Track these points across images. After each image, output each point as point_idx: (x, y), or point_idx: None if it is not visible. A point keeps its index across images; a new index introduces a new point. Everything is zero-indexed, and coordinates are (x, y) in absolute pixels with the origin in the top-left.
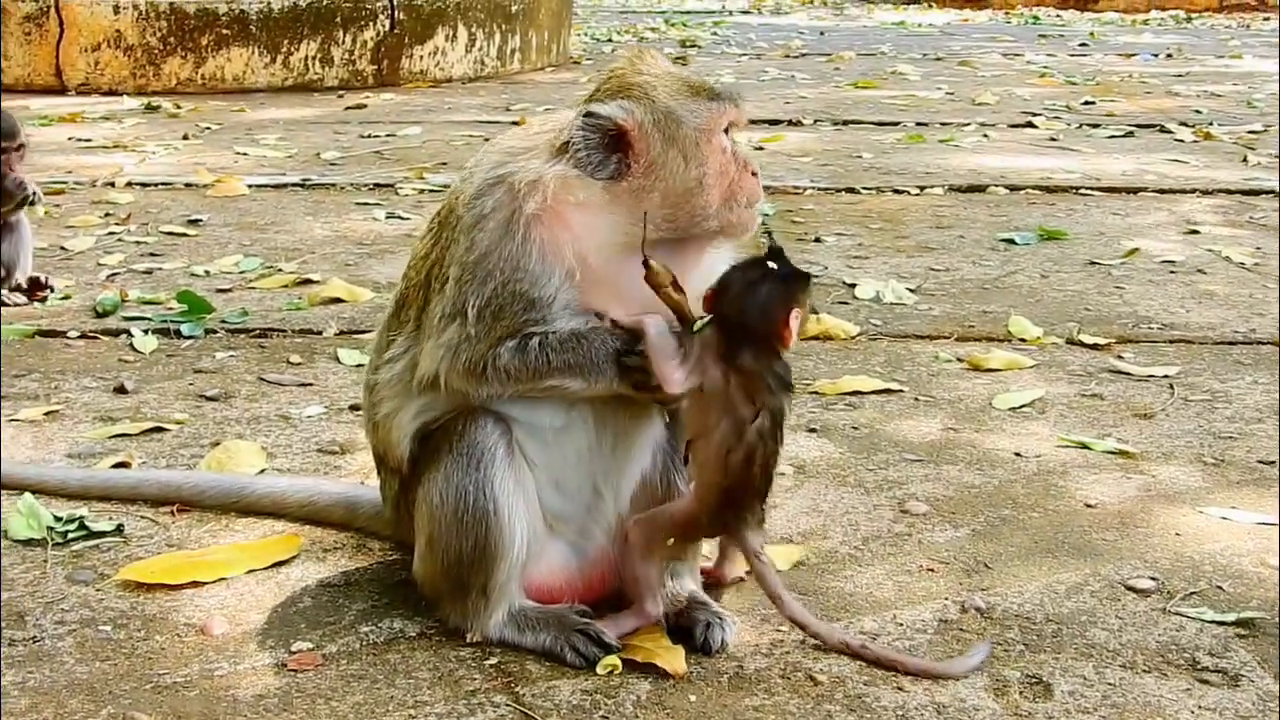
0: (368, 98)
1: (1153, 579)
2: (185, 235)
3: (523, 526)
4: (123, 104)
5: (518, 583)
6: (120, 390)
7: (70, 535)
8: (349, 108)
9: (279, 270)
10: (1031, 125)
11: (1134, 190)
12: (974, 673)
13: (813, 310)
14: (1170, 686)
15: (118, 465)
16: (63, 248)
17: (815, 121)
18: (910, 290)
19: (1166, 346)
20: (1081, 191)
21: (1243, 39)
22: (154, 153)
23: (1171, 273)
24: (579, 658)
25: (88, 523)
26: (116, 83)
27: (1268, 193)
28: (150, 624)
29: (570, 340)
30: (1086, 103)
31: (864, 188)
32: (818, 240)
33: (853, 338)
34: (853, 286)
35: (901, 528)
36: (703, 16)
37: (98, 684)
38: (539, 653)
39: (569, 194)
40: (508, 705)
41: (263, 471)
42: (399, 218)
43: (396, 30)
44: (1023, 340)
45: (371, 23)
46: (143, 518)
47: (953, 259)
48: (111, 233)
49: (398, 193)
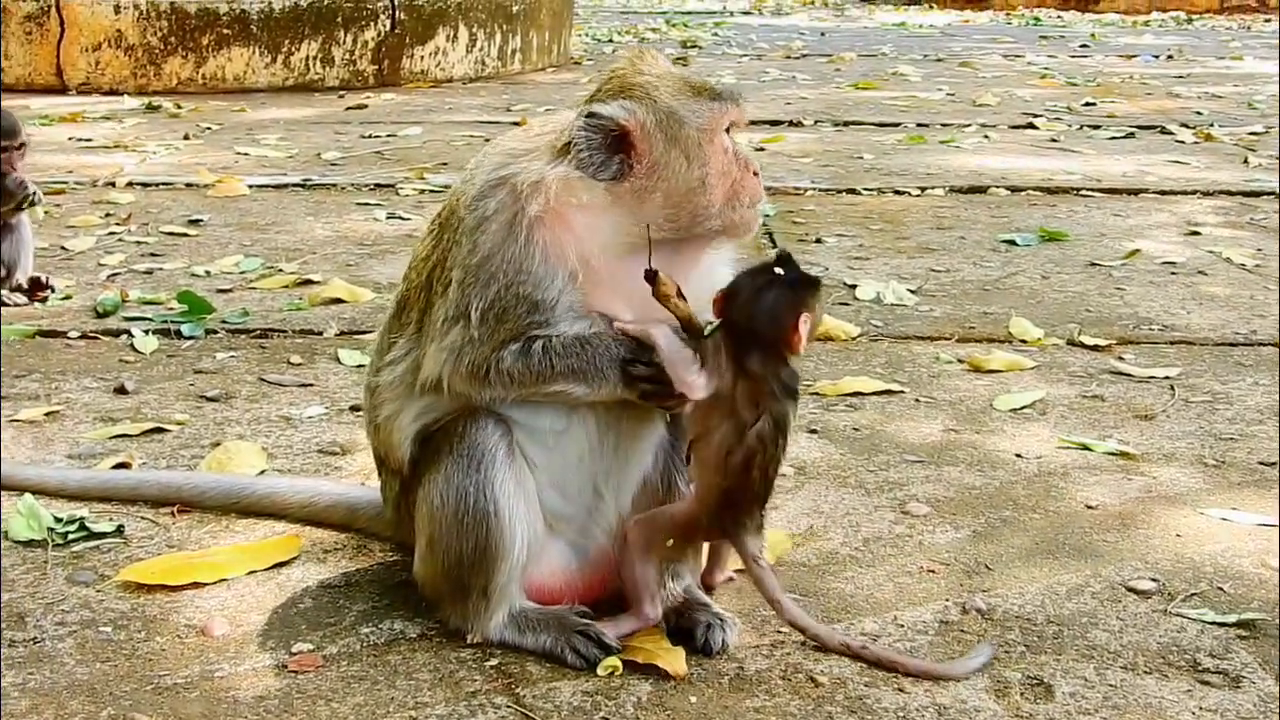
0: (368, 98)
1: (1154, 580)
2: (186, 235)
3: (523, 528)
4: (123, 104)
5: (518, 584)
6: (121, 391)
7: (71, 536)
8: (350, 108)
9: (280, 271)
10: (1032, 126)
11: (1135, 191)
12: (975, 675)
13: (821, 315)
14: (1171, 688)
15: (118, 466)
16: (63, 248)
17: (816, 122)
18: (911, 291)
19: (1167, 348)
20: (1082, 193)
21: (1244, 40)
22: (155, 153)
23: (1172, 274)
24: (579, 659)
25: (88, 524)
26: (117, 82)
27: (1268, 194)
28: (151, 625)
29: (574, 345)
30: (1087, 104)
31: (865, 189)
32: (818, 241)
33: (853, 339)
34: (853, 288)
35: (902, 529)
36: (704, 17)
37: (98, 685)
38: (539, 654)
39: (571, 195)
40: (508, 706)
41: (263, 472)
42: (400, 218)
43: (397, 30)
44: (1023, 341)
45: (372, 23)
46: (143, 519)
47: (953, 260)
48: (112, 233)
49: (398, 193)
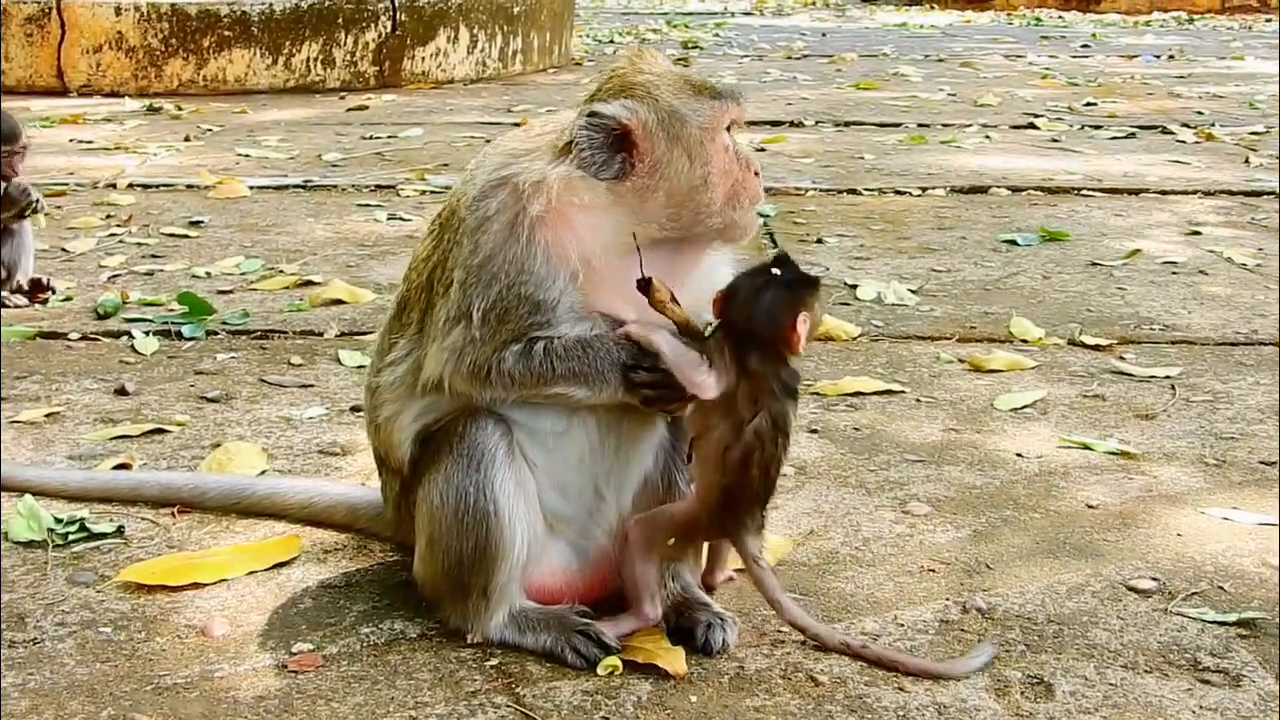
0: (369, 99)
1: (1154, 579)
2: (186, 237)
3: (523, 528)
4: (124, 105)
5: (518, 584)
6: (121, 392)
7: (71, 537)
8: (351, 109)
9: (280, 272)
10: (1033, 126)
11: (1136, 191)
12: (976, 674)
13: (822, 314)
14: (1171, 687)
15: (118, 467)
16: (64, 249)
17: (817, 123)
18: (912, 291)
19: (1168, 347)
20: (1083, 193)
21: (1245, 40)
22: (155, 154)
23: (1173, 274)
24: (580, 659)
25: (88, 524)
26: (118, 84)
27: (1269, 194)
28: (151, 625)
29: (576, 348)
30: (1089, 104)
31: (866, 189)
32: (819, 241)
33: (854, 339)
34: (854, 288)
35: (903, 528)
36: (705, 18)
37: (98, 685)
38: (540, 654)
39: (573, 195)
40: (508, 706)
41: (263, 473)
42: (400, 219)
43: (398, 32)
44: (1024, 341)
45: (373, 24)
46: (143, 519)
47: (954, 260)
48: (113, 234)
49: (399, 194)
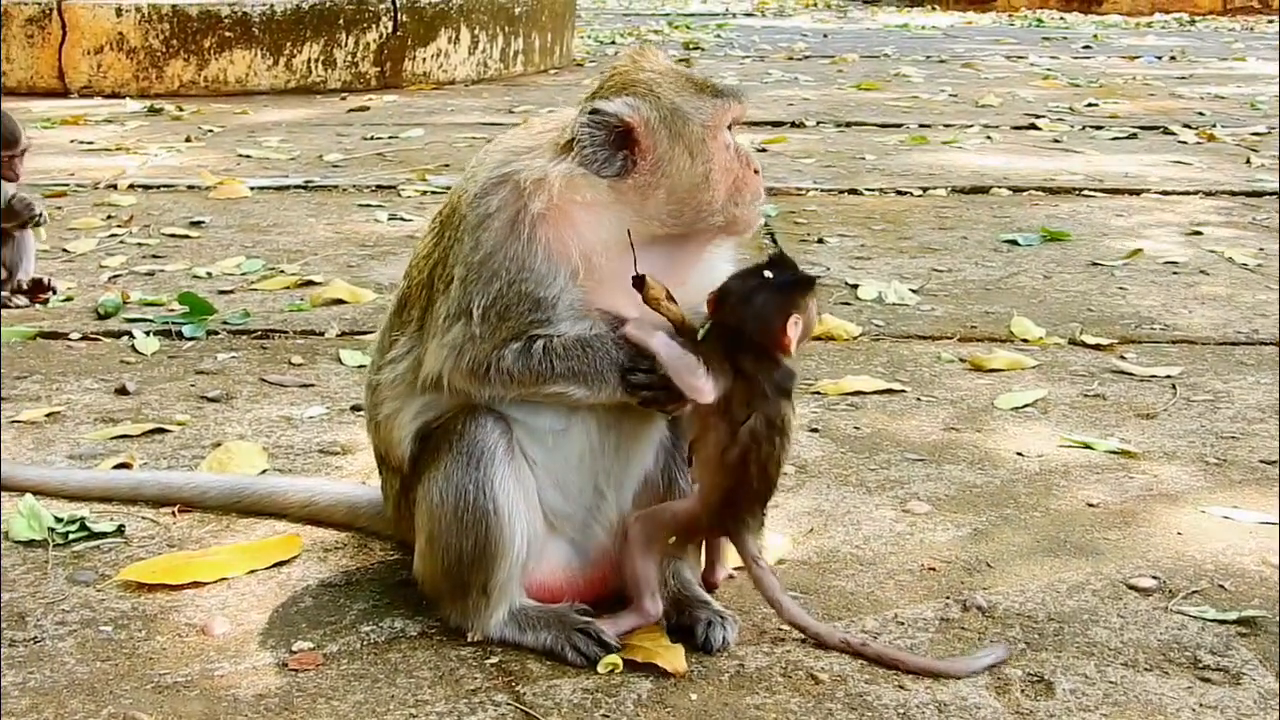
0: (370, 100)
1: (1154, 578)
2: (187, 237)
3: (523, 525)
4: (125, 106)
5: (518, 582)
6: (122, 391)
7: (71, 536)
8: (352, 110)
9: (281, 272)
10: (1035, 127)
11: (1137, 192)
12: (979, 674)
13: (817, 314)
14: (1172, 685)
15: (119, 466)
16: (65, 250)
17: (818, 123)
18: (913, 291)
19: (1169, 347)
20: (1084, 193)
21: (1246, 41)
22: (156, 155)
23: (1174, 274)
24: (580, 657)
25: (89, 523)
26: (119, 85)
27: (1270, 194)
28: (151, 624)
29: (575, 348)
30: (1090, 105)
31: (867, 189)
32: (820, 241)
33: (855, 338)
34: (855, 287)
35: (903, 527)
36: (706, 19)
37: (98, 684)
38: (540, 652)
39: (574, 192)
40: (509, 704)
41: (264, 472)
42: (401, 219)
43: (399, 32)
44: (1025, 341)
45: (374, 25)
46: (144, 518)
47: (955, 260)
48: (113, 235)
49: (400, 194)
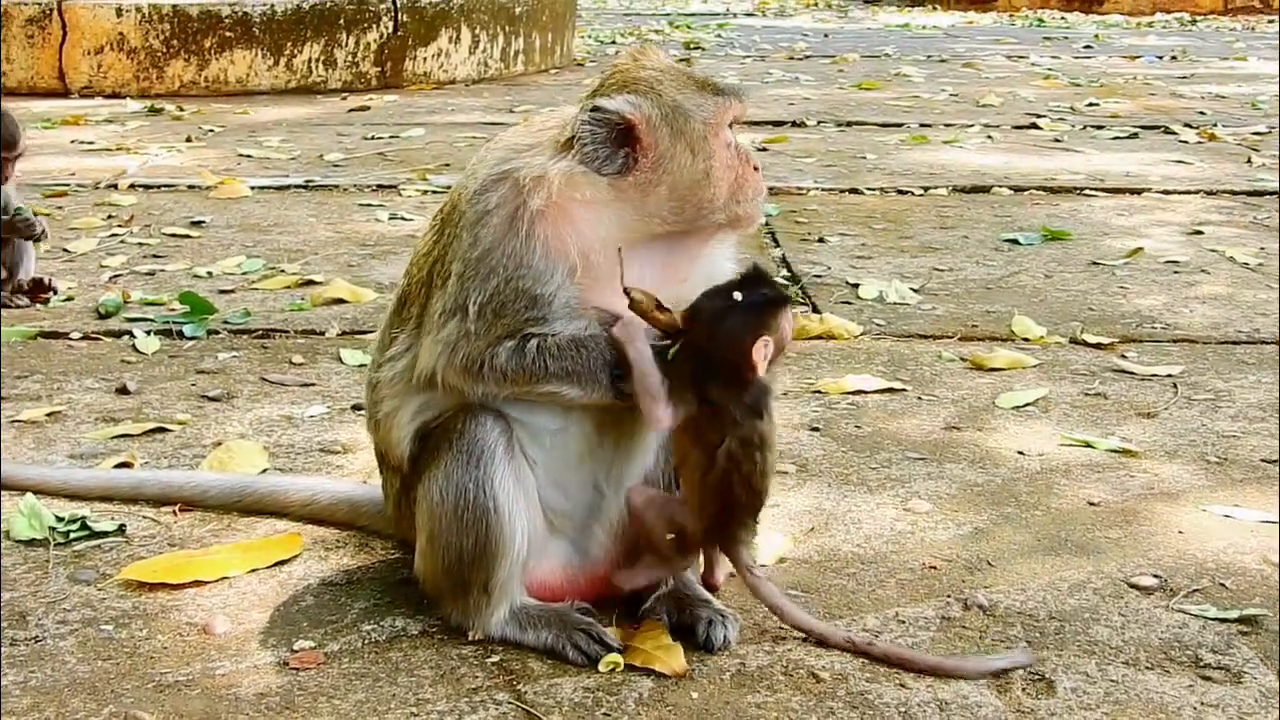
0: (371, 99)
1: (1155, 576)
2: (188, 237)
3: (523, 524)
4: (126, 107)
5: (519, 580)
6: (122, 391)
7: (72, 535)
8: (352, 110)
9: (281, 271)
10: (1036, 126)
11: (1138, 191)
12: (992, 675)
13: (791, 331)
14: (1173, 683)
15: (120, 465)
16: (65, 249)
17: (819, 123)
18: (914, 290)
19: (1170, 346)
20: (1085, 192)
21: (1247, 41)
22: (157, 155)
23: (1175, 273)
24: (581, 655)
25: (90, 523)
26: (120, 85)
27: (1271, 194)
28: (152, 623)
29: (569, 348)
30: (1091, 104)
31: (868, 188)
32: (821, 240)
33: (856, 337)
34: (856, 286)
35: (904, 526)
36: (707, 19)
37: (99, 683)
38: (541, 650)
39: (574, 190)
40: (510, 703)
41: (264, 471)
42: (402, 219)
43: (400, 32)
44: (1026, 340)
45: (375, 25)
46: (145, 518)
47: (956, 259)
48: (114, 234)
49: (401, 194)
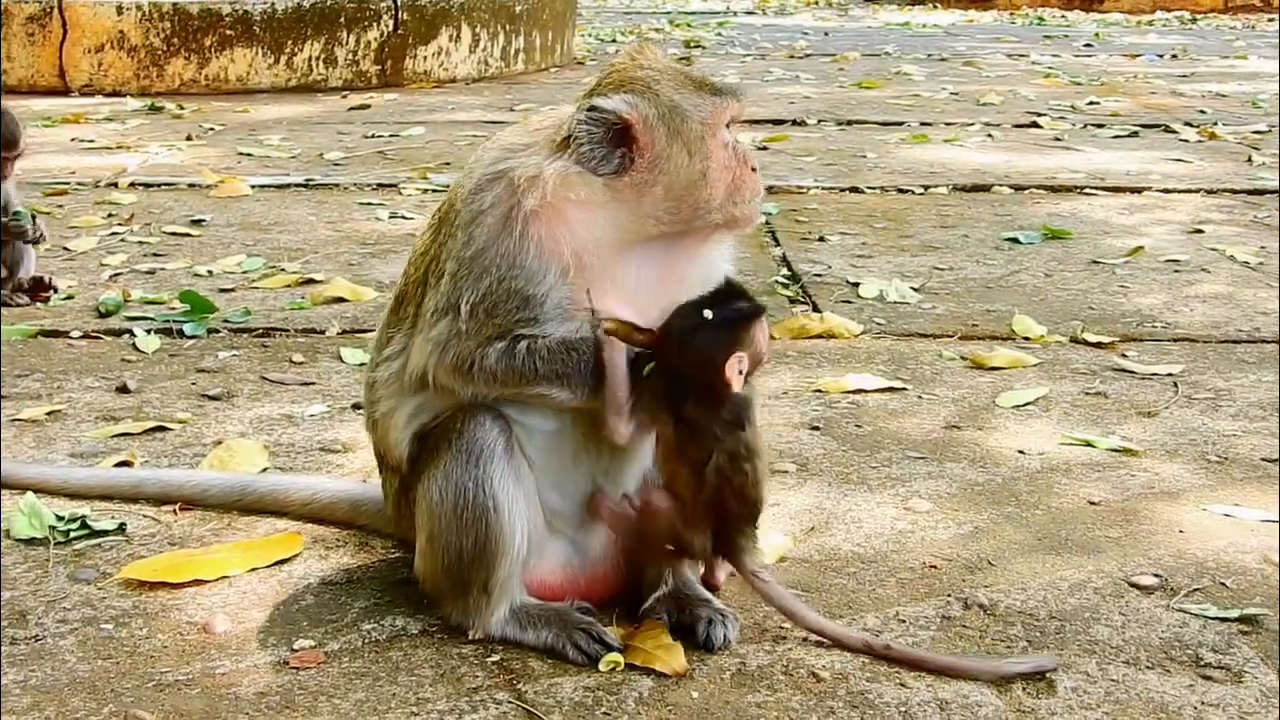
0: (371, 98)
1: (1156, 576)
2: (188, 235)
3: (523, 523)
4: (126, 105)
5: (519, 579)
6: (123, 390)
7: (72, 534)
8: (352, 108)
9: (282, 270)
10: (1036, 125)
11: (1138, 190)
12: (1015, 678)
13: (766, 342)
14: (1173, 683)
15: (120, 464)
16: (66, 248)
17: (820, 121)
18: (914, 289)
19: (1170, 345)
20: (1086, 191)
21: (1248, 40)
22: (157, 153)
23: (1175, 272)
24: (581, 655)
25: (90, 522)
26: (120, 84)
27: (1271, 192)
28: (152, 622)
29: (559, 350)
30: (1091, 103)
31: (868, 187)
32: (822, 239)
33: (856, 336)
34: (856, 285)
35: (904, 525)
36: (707, 17)
37: (99, 682)
38: (541, 650)
39: (568, 190)
40: (510, 702)
41: (265, 470)
42: (402, 217)
43: (400, 31)
44: (1026, 339)
45: (375, 23)
46: (145, 516)
47: (957, 258)
48: (114, 233)
49: (401, 193)
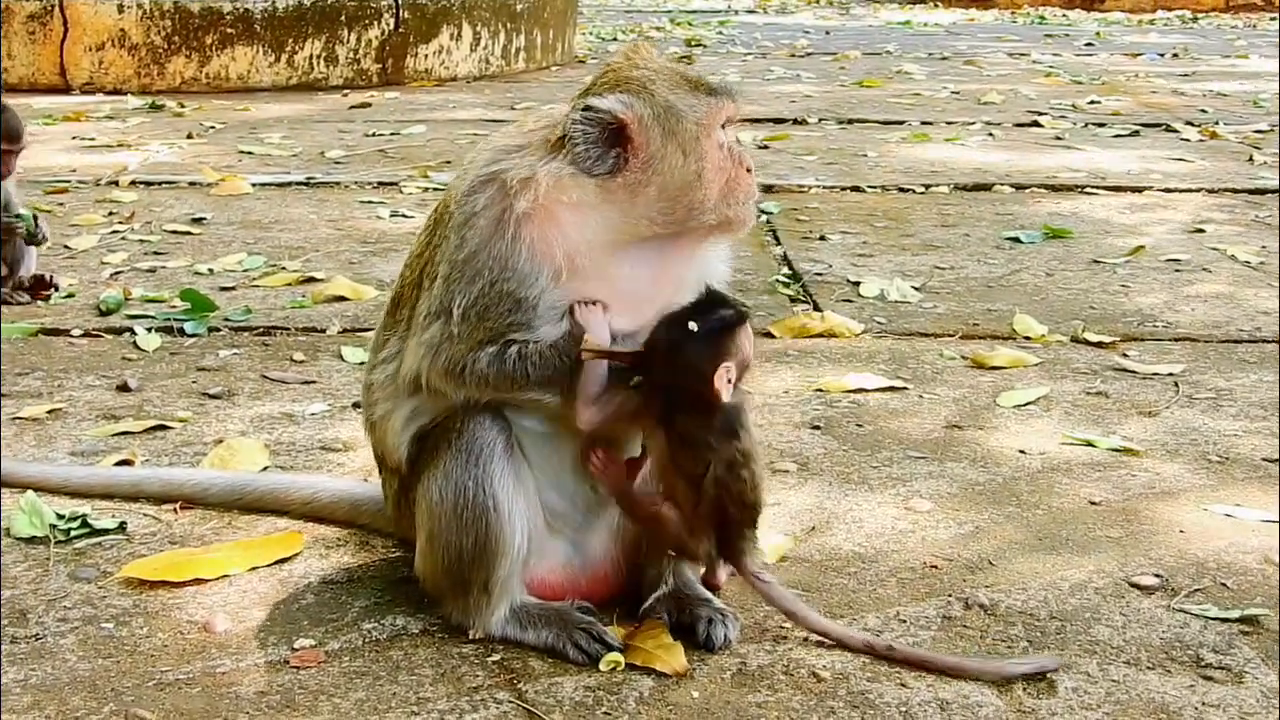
0: (372, 96)
1: (1157, 576)
2: (189, 234)
3: (523, 523)
4: (127, 103)
5: (519, 579)
6: (123, 388)
7: (73, 533)
8: (353, 106)
9: (282, 268)
10: (1037, 124)
11: (1139, 189)
12: (1018, 678)
13: (752, 349)
14: (1174, 683)
15: (120, 463)
16: (66, 246)
17: (820, 120)
18: (915, 288)
19: (1171, 344)
20: (1087, 190)
21: (1249, 39)
22: (158, 151)
23: (1176, 271)
24: (582, 654)
25: (90, 520)
26: (121, 82)
27: (1272, 192)
28: (152, 621)
29: (550, 355)
30: (1092, 102)
31: (869, 186)
32: (822, 238)
33: (857, 335)
34: (857, 284)
35: (905, 525)
36: (708, 16)
37: (100, 681)
38: (542, 649)
39: (561, 192)
40: (510, 702)
41: (265, 469)
42: (403, 216)
43: (401, 29)
44: (1027, 338)
45: (376, 21)
46: (145, 515)
47: (958, 257)
48: (115, 231)
49: (402, 191)
